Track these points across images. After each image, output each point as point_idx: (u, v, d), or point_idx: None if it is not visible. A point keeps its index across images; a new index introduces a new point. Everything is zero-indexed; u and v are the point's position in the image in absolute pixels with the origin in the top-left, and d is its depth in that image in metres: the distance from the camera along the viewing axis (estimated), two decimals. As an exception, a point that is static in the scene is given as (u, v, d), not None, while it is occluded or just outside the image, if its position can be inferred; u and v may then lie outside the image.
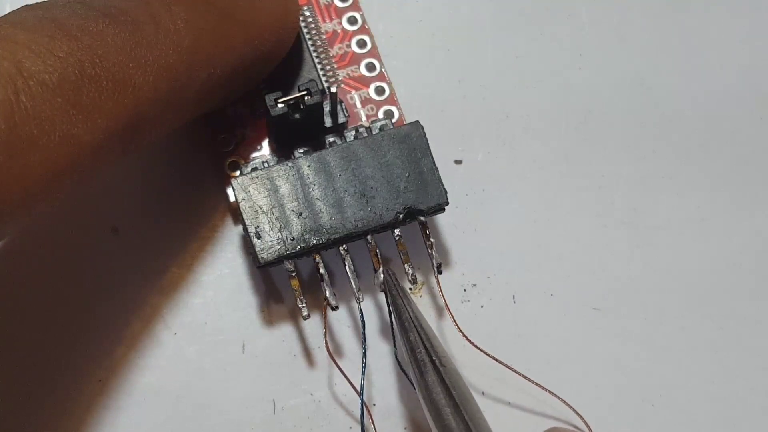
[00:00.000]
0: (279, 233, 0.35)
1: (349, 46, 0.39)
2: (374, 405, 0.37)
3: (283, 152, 0.37)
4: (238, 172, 0.37)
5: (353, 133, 0.37)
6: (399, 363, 0.36)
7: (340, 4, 0.39)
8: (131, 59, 0.29)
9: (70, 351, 0.37)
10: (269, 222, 0.35)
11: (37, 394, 0.36)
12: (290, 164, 0.35)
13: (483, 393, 0.37)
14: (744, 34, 0.41)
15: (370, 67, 0.39)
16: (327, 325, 0.36)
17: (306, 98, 0.35)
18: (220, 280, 0.38)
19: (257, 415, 0.37)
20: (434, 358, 0.33)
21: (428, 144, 0.36)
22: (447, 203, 0.36)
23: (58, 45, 0.28)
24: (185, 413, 0.37)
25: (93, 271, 0.37)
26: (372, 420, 0.36)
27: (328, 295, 0.35)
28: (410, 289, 0.38)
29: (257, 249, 0.35)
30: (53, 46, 0.28)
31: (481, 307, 0.38)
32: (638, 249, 0.39)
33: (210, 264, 0.38)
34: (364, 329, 0.36)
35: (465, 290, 0.38)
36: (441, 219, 0.38)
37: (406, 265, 0.36)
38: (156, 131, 0.32)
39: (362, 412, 0.35)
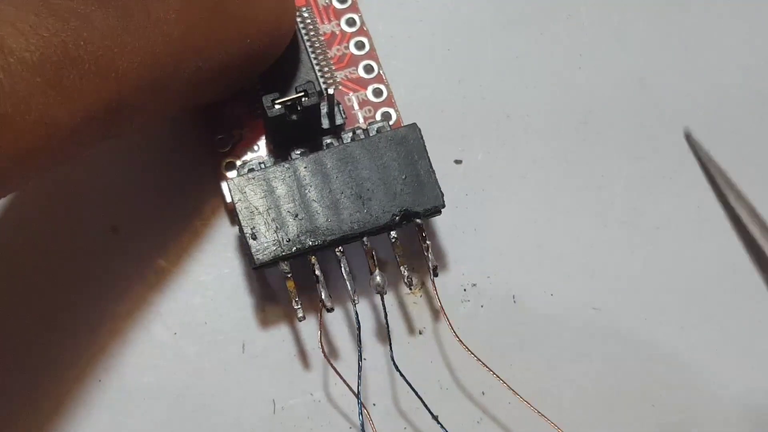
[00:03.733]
0: (275, 234, 0.35)
1: (347, 47, 0.39)
2: (374, 405, 0.37)
3: (280, 153, 0.37)
4: (234, 173, 0.37)
5: (350, 134, 0.37)
6: (395, 364, 0.36)
7: (338, 6, 0.39)
8: (117, 44, 0.29)
9: (69, 351, 0.37)
10: (265, 223, 0.35)
11: (37, 394, 0.36)
12: (287, 165, 0.35)
13: (483, 393, 0.37)
14: (744, 34, 0.41)
15: (368, 69, 0.39)
16: (323, 327, 0.36)
17: (303, 100, 0.35)
18: (220, 280, 0.38)
19: (257, 415, 0.37)
20: None
21: (425, 146, 0.36)
22: (443, 206, 0.36)
23: (44, 24, 0.27)
24: (185, 413, 0.37)
25: (93, 271, 0.37)
26: (371, 420, 0.36)
27: (323, 297, 0.35)
28: (408, 291, 0.38)
29: (253, 250, 0.35)
30: (38, 25, 0.27)
31: (481, 306, 0.38)
32: (638, 249, 0.39)
33: (210, 264, 0.38)
34: (359, 331, 0.36)
35: (465, 290, 0.38)
36: (441, 219, 0.38)
37: (402, 267, 0.36)
38: (138, 119, 0.31)
39: (360, 413, 0.35)
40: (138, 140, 0.39)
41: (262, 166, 0.36)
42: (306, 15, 0.39)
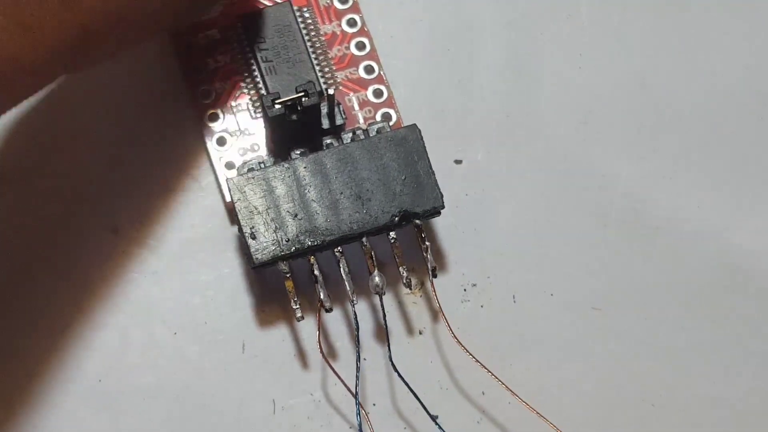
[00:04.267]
0: (274, 234, 0.35)
1: (348, 48, 0.39)
2: (374, 405, 0.37)
3: (280, 153, 0.37)
4: (234, 173, 0.37)
5: (350, 135, 0.37)
6: (393, 364, 0.36)
7: (339, 6, 0.39)
8: None
9: (69, 351, 0.37)
10: (264, 223, 0.35)
11: (37, 394, 0.36)
12: (287, 165, 0.35)
13: (483, 393, 0.37)
14: (744, 34, 0.41)
15: (369, 70, 0.39)
16: (321, 327, 0.37)
17: (303, 100, 0.35)
18: (220, 280, 0.38)
19: (257, 415, 0.37)
20: None
21: (425, 147, 0.36)
22: (443, 207, 0.36)
23: None
24: (185, 413, 0.37)
25: (93, 271, 0.38)
26: (369, 421, 0.36)
27: (322, 297, 0.35)
28: (408, 291, 0.38)
29: (252, 250, 0.35)
30: None
31: (481, 307, 0.38)
32: (638, 249, 0.39)
33: (210, 264, 0.38)
34: (358, 331, 0.36)
35: (465, 290, 0.38)
36: (440, 219, 0.38)
37: (401, 268, 0.36)
38: (101, 51, 0.31)
39: (358, 413, 0.35)
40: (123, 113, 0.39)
41: (262, 165, 0.36)
42: (307, 15, 0.39)
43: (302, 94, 0.35)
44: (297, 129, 0.36)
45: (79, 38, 0.29)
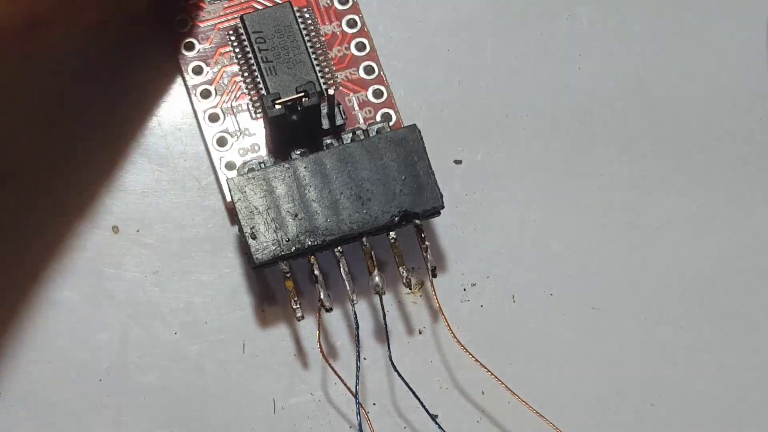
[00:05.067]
0: (274, 234, 0.35)
1: (348, 48, 0.39)
2: (374, 404, 0.37)
3: (280, 153, 0.37)
4: (234, 173, 0.37)
5: (350, 135, 0.37)
6: (393, 364, 0.36)
7: (339, 7, 0.39)
8: None
9: (70, 351, 0.37)
10: (265, 223, 0.35)
11: (38, 394, 0.36)
12: (287, 165, 0.36)
13: (483, 392, 0.37)
14: (743, 34, 0.41)
15: (369, 70, 0.39)
16: (321, 327, 0.37)
17: (304, 100, 0.35)
18: (220, 280, 0.38)
19: (257, 415, 0.37)
20: None
21: (425, 147, 0.36)
22: (442, 207, 0.36)
23: None
24: (185, 413, 0.37)
25: (92, 271, 0.38)
26: (369, 420, 0.36)
27: (322, 297, 0.35)
28: (408, 290, 0.38)
29: (252, 249, 0.35)
30: None
31: (481, 306, 0.38)
32: (638, 249, 0.39)
33: (210, 264, 0.38)
34: (358, 331, 0.36)
35: (465, 290, 0.38)
36: (440, 219, 0.38)
37: (400, 268, 0.36)
38: (56, 33, 0.31)
39: (358, 413, 0.35)
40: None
41: (262, 165, 0.36)
42: (307, 16, 0.39)
43: (302, 94, 0.36)
44: (297, 129, 0.36)
45: (31, 20, 0.29)
